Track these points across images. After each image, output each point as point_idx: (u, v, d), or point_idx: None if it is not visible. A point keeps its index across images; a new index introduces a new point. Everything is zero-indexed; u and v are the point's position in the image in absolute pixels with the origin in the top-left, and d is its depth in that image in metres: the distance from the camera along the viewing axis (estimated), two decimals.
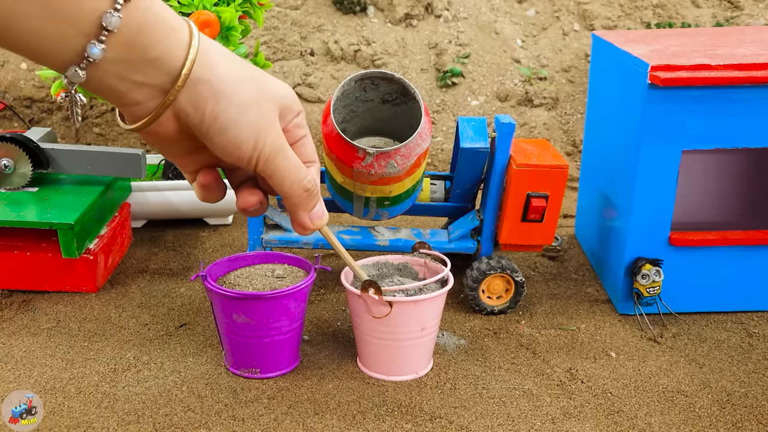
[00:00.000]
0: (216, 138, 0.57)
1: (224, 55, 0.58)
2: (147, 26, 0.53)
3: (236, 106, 0.57)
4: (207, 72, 0.56)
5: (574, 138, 2.43)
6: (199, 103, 0.56)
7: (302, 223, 0.65)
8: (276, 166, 0.60)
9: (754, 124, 1.41)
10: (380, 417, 1.21)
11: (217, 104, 0.56)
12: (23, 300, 1.57)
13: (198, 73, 0.55)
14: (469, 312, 1.55)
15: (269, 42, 2.57)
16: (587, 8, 2.68)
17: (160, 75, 0.54)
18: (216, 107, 0.56)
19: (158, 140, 0.59)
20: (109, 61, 0.52)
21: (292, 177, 0.62)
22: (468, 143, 1.46)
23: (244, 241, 1.88)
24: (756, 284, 1.54)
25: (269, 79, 0.61)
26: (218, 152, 0.59)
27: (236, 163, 0.60)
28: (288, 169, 0.61)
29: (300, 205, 0.64)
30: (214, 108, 0.56)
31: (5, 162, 1.66)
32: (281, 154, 0.60)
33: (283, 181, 0.62)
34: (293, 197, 0.63)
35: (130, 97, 0.55)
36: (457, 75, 2.52)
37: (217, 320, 1.31)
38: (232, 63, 0.58)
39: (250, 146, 0.58)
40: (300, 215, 0.65)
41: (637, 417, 1.23)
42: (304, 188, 0.63)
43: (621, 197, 1.54)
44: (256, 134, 0.58)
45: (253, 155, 0.59)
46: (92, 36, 0.51)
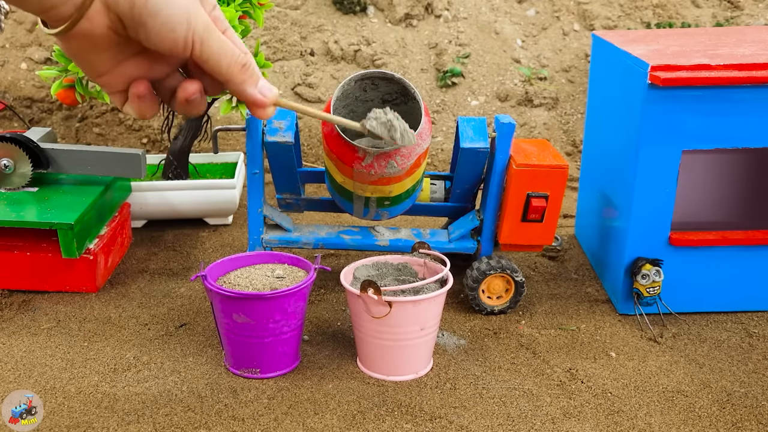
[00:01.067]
0: (149, 21, 0.57)
1: None
2: None
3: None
4: None
5: (574, 138, 2.43)
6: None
7: (254, 99, 0.65)
8: (211, 45, 0.60)
9: (754, 124, 1.41)
10: (380, 417, 1.21)
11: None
12: (23, 300, 1.57)
13: None
14: (469, 312, 1.55)
15: (269, 42, 2.57)
16: (587, 8, 2.68)
17: None
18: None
19: (86, 46, 0.58)
20: None
21: (228, 55, 0.61)
22: (468, 143, 1.46)
23: (244, 241, 1.88)
24: (756, 284, 1.54)
25: None
26: (152, 38, 0.58)
27: (171, 49, 0.59)
28: (223, 48, 0.61)
29: (244, 82, 0.63)
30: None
31: (5, 162, 1.66)
32: (213, 33, 0.60)
33: (220, 61, 0.61)
34: (234, 75, 0.62)
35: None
36: (457, 75, 2.52)
37: (217, 320, 1.31)
38: None
39: (183, 26, 0.58)
40: (249, 92, 0.64)
41: (637, 417, 1.23)
42: (242, 63, 0.63)
43: (621, 197, 1.54)
44: (187, 13, 0.58)
45: (187, 36, 0.59)
46: None
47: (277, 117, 1.50)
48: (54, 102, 2.47)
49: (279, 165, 1.51)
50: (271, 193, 2.09)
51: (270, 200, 2.03)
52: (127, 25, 0.58)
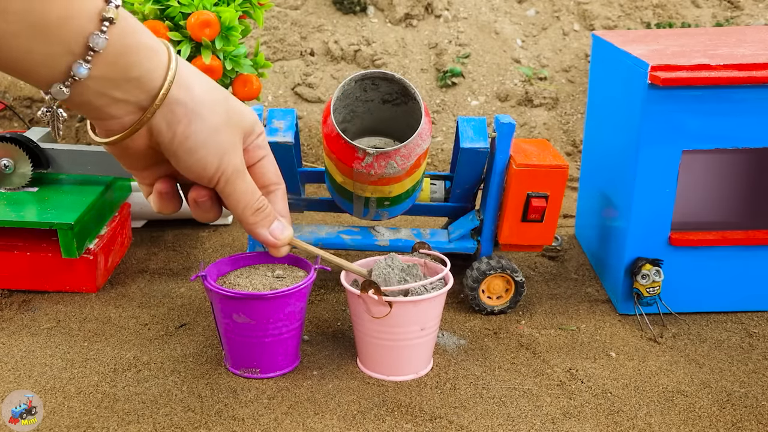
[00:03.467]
0: (184, 157, 0.60)
1: (200, 77, 0.60)
2: (130, 48, 0.55)
3: (208, 128, 0.59)
4: (183, 93, 0.58)
5: (574, 138, 2.43)
6: (173, 123, 0.58)
7: (265, 240, 0.69)
8: (234, 187, 0.64)
9: (754, 124, 1.41)
10: (380, 417, 1.21)
11: (189, 125, 0.59)
12: (23, 300, 1.57)
13: (175, 94, 0.58)
14: (469, 312, 1.55)
15: (269, 42, 2.57)
16: (587, 8, 2.68)
17: (139, 93, 0.56)
18: (188, 128, 0.59)
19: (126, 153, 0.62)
20: (93, 79, 0.54)
21: (246, 200, 0.65)
22: (468, 143, 1.46)
23: (244, 241, 1.88)
24: (756, 284, 1.54)
25: (236, 103, 0.63)
26: (182, 170, 0.62)
27: (196, 180, 0.63)
28: (244, 193, 0.65)
29: (256, 224, 0.67)
30: (186, 128, 0.59)
31: (5, 162, 1.66)
32: (241, 176, 0.64)
33: (237, 204, 0.65)
34: (247, 218, 0.66)
35: (107, 112, 0.57)
36: (457, 75, 2.52)
37: (217, 320, 1.31)
38: (207, 86, 0.61)
39: (214, 167, 0.61)
40: (260, 233, 0.68)
41: (637, 417, 1.23)
42: (256, 208, 0.66)
43: (621, 197, 1.54)
44: (221, 156, 0.61)
45: (215, 175, 0.62)
46: (79, 56, 0.53)
47: (277, 117, 1.50)
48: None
49: (279, 165, 1.51)
50: None
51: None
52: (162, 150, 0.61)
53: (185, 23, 1.59)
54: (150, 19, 1.59)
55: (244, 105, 0.64)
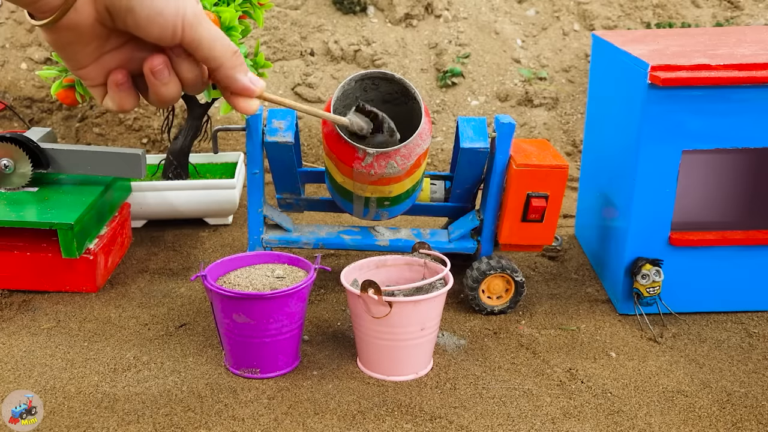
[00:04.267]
0: (137, 7, 0.57)
1: None
2: None
3: None
4: None
5: (574, 138, 2.43)
6: None
7: (245, 86, 0.64)
8: (201, 31, 0.60)
9: (754, 124, 1.41)
10: (380, 417, 1.21)
11: None
12: (23, 300, 1.57)
13: None
14: (469, 312, 1.55)
15: (269, 42, 2.57)
16: (587, 8, 2.68)
17: None
18: None
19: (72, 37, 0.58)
20: None
21: (220, 39, 0.61)
22: (468, 143, 1.46)
23: (244, 241, 1.88)
24: (756, 284, 1.54)
25: None
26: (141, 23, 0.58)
27: (160, 34, 0.59)
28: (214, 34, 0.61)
29: (235, 68, 0.63)
30: None
31: (5, 162, 1.66)
32: (203, 20, 0.60)
33: (213, 45, 0.61)
34: (227, 59, 0.62)
35: None
36: (457, 75, 2.52)
37: (217, 320, 1.31)
38: None
39: (171, 11, 0.58)
40: (240, 78, 0.63)
41: (637, 417, 1.23)
42: (233, 50, 0.62)
43: (621, 197, 1.54)
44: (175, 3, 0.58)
45: (176, 21, 0.58)
46: None
47: (277, 117, 1.50)
48: (54, 102, 2.47)
49: (279, 165, 1.51)
50: (271, 193, 2.09)
51: (270, 200, 2.03)
52: (114, 14, 0.58)
53: None
54: None
55: None
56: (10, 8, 2.58)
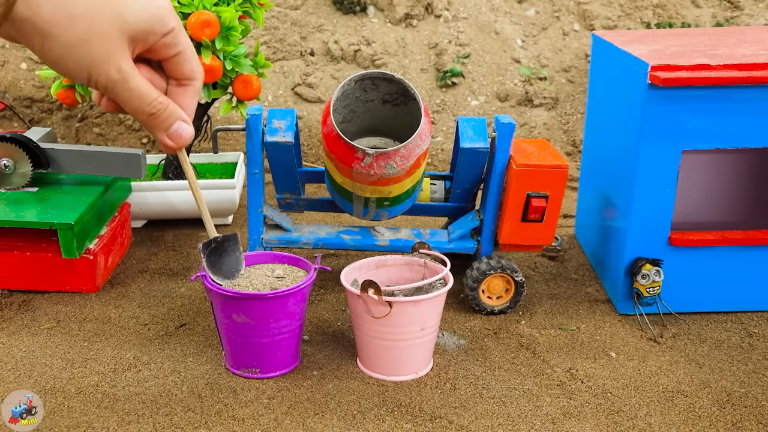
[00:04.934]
0: (54, 68, 0.60)
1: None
2: None
3: (62, 45, 0.58)
4: (29, 11, 0.57)
5: (574, 138, 2.43)
6: (27, 39, 0.58)
7: (161, 141, 0.68)
8: (117, 94, 0.62)
9: (754, 124, 1.41)
10: (380, 417, 1.21)
11: (42, 42, 0.58)
12: (23, 300, 1.57)
13: (20, 12, 0.57)
14: (469, 312, 1.55)
15: (269, 42, 2.57)
16: (587, 8, 2.68)
17: None
18: (42, 45, 0.58)
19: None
20: None
21: (134, 104, 0.63)
22: (468, 143, 1.46)
23: (244, 241, 1.88)
24: (756, 284, 1.54)
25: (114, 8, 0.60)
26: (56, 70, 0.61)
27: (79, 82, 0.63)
28: (130, 99, 0.63)
29: (151, 127, 0.66)
30: (41, 45, 0.58)
31: (5, 162, 1.66)
32: (119, 85, 0.62)
33: (126, 107, 0.64)
34: (142, 121, 0.65)
35: None
36: (457, 75, 2.52)
37: (217, 320, 1.31)
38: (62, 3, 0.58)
39: (84, 78, 0.61)
40: (156, 135, 0.67)
41: (637, 417, 1.23)
42: (149, 113, 0.65)
43: (621, 197, 1.54)
44: (87, 69, 0.60)
45: (91, 83, 0.61)
46: None
47: (277, 117, 1.50)
48: (54, 102, 2.47)
49: (279, 165, 1.51)
50: (271, 193, 2.09)
51: (270, 200, 2.03)
52: None
53: (185, 23, 1.59)
54: None
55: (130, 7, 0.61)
56: None
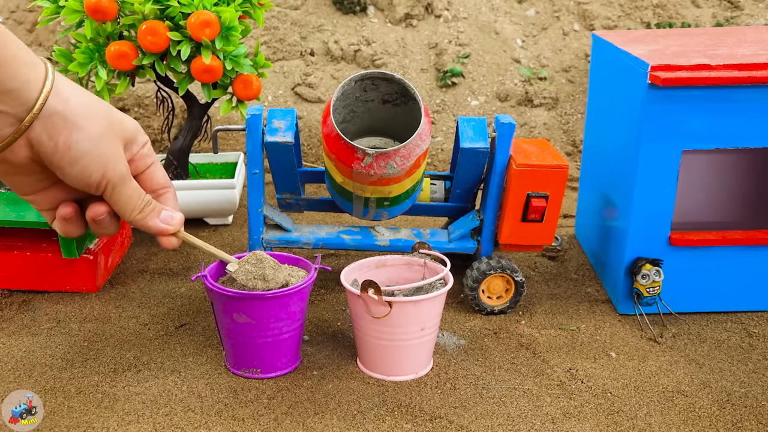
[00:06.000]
0: (67, 168, 0.62)
1: (78, 90, 0.63)
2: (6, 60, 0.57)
3: (89, 138, 0.61)
4: (62, 104, 0.60)
5: (574, 138, 2.43)
6: (53, 134, 0.60)
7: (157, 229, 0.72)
8: (120, 194, 0.66)
9: (754, 124, 1.41)
10: (380, 417, 1.21)
11: (70, 135, 0.60)
12: (23, 300, 1.58)
13: (53, 105, 0.59)
14: (469, 312, 1.55)
15: (269, 42, 2.57)
16: (587, 8, 2.68)
17: (17, 105, 0.58)
18: (69, 138, 0.60)
19: (10, 170, 0.63)
20: None
21: (133, 203, 0.68)
22: (468, 143, 1.46)
23: (244, 241, 1.88)
24: (756, 284, 1.54)
25: (117, 113, 0.66)
26: (68, 180, 0.63)
27: (84, 189, 0.65)
28: (130, 198, 0.67)
29: (145, 219, 0.70)
30: (67, 139, 0.60)
31: None
32: (126, 183, 0.66)
33: (125, 209, 0.67)
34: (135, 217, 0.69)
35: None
36: (457, 75, 2.52)
37: (218, 320, 1.31)
38: (86, 97, 0.63)
39: (99, 175, 0.63)
40: (151, 226, 0.71)
41: (637, 417, 1.23)
42: (143, 206, 0.69)
43: (621, 197, 1.54)
44: (105, 164, 0.63)
45: (101, 183, 0.64)
46: None
47: (277, 117, 1.50)
48: None
49: (279, 165, 1.51)
50: (271, 193, 2.09)
51: (270, 200, 2.03)
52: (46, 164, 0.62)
53: (185, 23, 1.59)
54: (150, 19, 1.59)
55: (124, 115, 0.67)
56: (10, 8, 2.58)
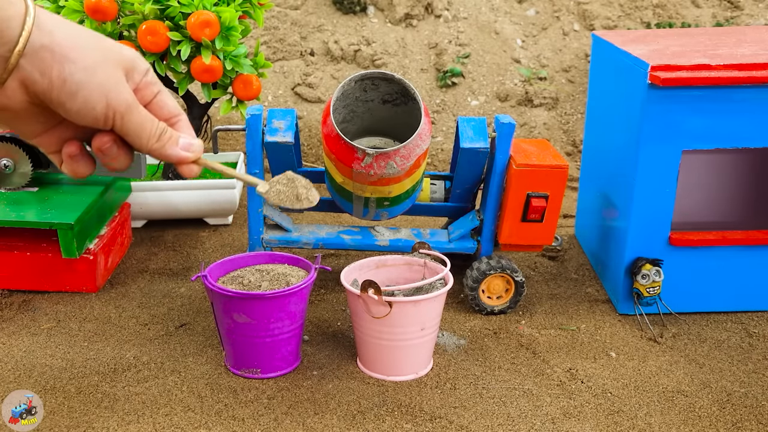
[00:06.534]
0: (68, 103, 0.59)
1: (63, 22, 0.59)
2: None
3: (83, 69, 0.58)
4: (47, 38, 0.57)
5: (574, 138, 2.43)
6: (45, 69, 0.57)
7: (178, 157, 0.67)
8: (130, 122, 0.62)
9: (754, 124, 1.41)
10: (380, 417, 1.21)
11: (62, 69, 0.58)
12: (23, 300, 1.57)
13: (38, 40, 0.57)
14: (469, 312, 1.55)
15: (269, 42, 2.57)
16: (587, 8, 2.68)
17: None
18: (62, 71, 0.58)
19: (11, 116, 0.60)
20: None
21: (147, 130, 0.63)
22: (468, 143, 1.46)
23: (244, 241, 1.88)
24: (756, 284, 1.54)
25: (110, 41, 0.62)
26: (72, 117, 0.60)
27: (92, 124, 0.61)
28: (142, 125, 0.63)
29: (163, 147, 0.66)
30: (60, 73, 0.58)
31: (5, 162, 1.66)
32: (134, 110, 0.62)
33: (140, 137, 0.63)
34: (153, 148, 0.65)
35: None
36: (457, 75, 2.52)
37: (218, 320, 1.31)
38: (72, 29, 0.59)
39: (103, 105, 0.60)
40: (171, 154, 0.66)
41: (637, 417, 1.23)
42: (160, 133, 0.65)
43: (621, 197, 1.54)
44: (107, 93, 0.60)
45: (108, 114, 0.61)
46: None
47: (277, 117, 1.50)
48: None
49: (279, 165, 1.51)
50: None
51: None
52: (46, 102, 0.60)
53: (185, 23, 1.59)
54: (150, 18, 1.59)
55: (119, 43, 0.63)
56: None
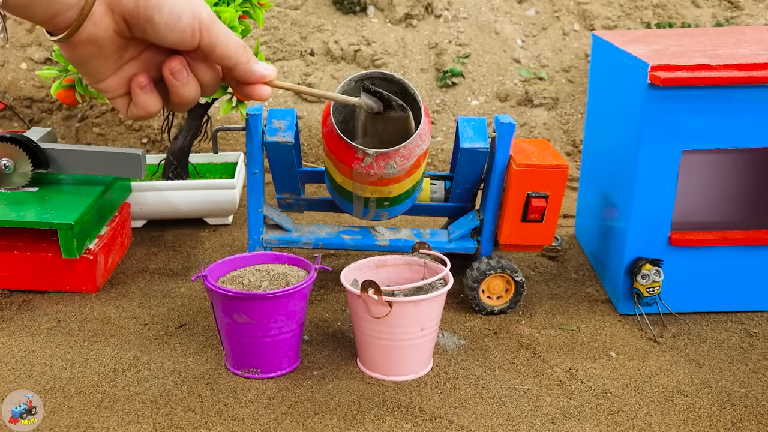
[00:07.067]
0: (156, 16, 0.59)
1: None
2: None
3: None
4: None
5: (574, 138, 2.43)
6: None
7: (262, 75, 0.66)
8: (218, 33, 0.62)
9: (754, 124, 1.41)
10: (380, 417, 1.21)
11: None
12: (23, 300, 1.57)
13: None
14: (469, 312, 1.55)
15: (269, 42, 2.57)
16: (587, 8, 2.68)
17: None
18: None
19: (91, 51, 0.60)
20: None
21: (234, 41, 0.63)
22: (468, 143, 1.46)
23: (244, 241, 1.88)
24: (756, 284, 1.54)
25: None
26: (161, 32, 0.60)
27: (178, 39, 0.61)
28: (228, 35, 0.63)
29: (250, 61, 0.65)
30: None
31: (5, 162, 1.66)
32: (217, 22, 0.62)
33: (228, 44, 0.63)
34: (241, 56, 0.64)
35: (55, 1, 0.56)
36: (457, 75, 2.52)
37: (218, 320, 1.31)
38: None
39: (188, 15, 0.60)
40: (256, 70, 0.66)
41: (637, 417, 1.23)
42: (243, 46, 0.65)
43: (621, 197, 1.54)
44: (190, 3, 0.60)
45: (194, 24, 0.60)
46: None
47: (277, 117, 1.50)
48: (54, 102, 2.47)
49: (279, 165, 1.51)
50: (271, 193, 2.09)
51: (270, 200, 2.03)
52: (132, 24, 0.59)
53: None
54: None
55: None
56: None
